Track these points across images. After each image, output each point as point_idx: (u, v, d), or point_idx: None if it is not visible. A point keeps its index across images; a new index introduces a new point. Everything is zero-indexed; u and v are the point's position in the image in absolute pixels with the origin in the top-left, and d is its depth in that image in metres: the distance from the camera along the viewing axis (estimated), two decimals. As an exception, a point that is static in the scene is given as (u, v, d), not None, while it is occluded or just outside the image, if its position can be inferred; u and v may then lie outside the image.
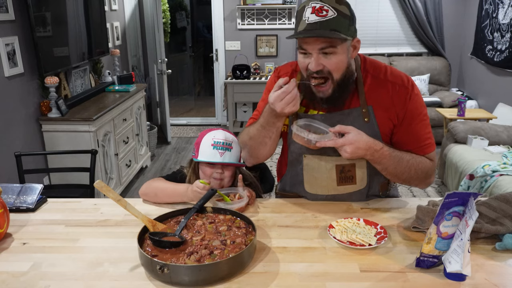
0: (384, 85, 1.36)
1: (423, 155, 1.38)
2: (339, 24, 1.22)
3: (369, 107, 1.36)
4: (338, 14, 1.22)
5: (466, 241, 0.99)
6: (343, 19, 1.23)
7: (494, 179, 2.93)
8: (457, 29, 5.40)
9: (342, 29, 1.23)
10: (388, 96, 1.35)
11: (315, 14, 1.22)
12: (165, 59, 4.88)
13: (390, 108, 1.36)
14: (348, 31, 1.24)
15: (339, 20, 1.22)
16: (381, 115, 1.36)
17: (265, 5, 5.36)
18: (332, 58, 1.26)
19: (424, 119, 1.39)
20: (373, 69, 1.39)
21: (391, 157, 1.30)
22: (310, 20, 1.22)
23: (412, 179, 1.37)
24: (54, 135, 3.13)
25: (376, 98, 1.36)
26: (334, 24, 1.22)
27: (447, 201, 1.00)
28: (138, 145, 4.21)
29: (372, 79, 1.38)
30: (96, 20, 3.91)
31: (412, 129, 1.37)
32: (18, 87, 2.89)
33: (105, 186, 1.18)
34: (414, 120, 1.37)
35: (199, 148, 1.51)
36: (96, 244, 1.23)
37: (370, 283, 1.03)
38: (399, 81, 1.37)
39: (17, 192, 1.48)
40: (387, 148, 1.30)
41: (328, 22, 1.21)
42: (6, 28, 2.76)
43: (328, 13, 1.21)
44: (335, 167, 1.40)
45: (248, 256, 1.10)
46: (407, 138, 1.38)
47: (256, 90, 5.30)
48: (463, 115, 4.11)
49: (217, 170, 1.51)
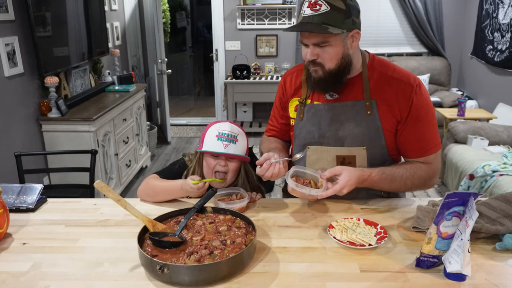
0: (390, 81, 1.39)
1: (425, 156, 1.40)
2: (331, 18, 1.26)
3: (373, 101, 1.39)
4: (330, 9, 1.26)
5: (466, 241, 0.99)
6: (336, 13, 1.27)
7: (494, 179, 2.93)
8: (457, 29, 5.40)
9: (335, 23, 1.27)
10: (393, 92, 1.38)
11: (310, 8, 1.28)
12: (165, 59, 4.87)
13: (394, 104, 1.38)
14: (342, 24, 1.28)
15: (331, 14, 1.27)
16: (384, 110, 1.38)
17: (265, 5, 5.36)
18: (326, 50, 1.31)
19: (430, 119, 1.40)
20: (380, 66, 1.43)
21: (381, 180, 1.37)
22: (305, 14, 1.29)
23: (411, 189, 1.44)
24: (54, 135, 3.13)
25: (381, 93, 1.39)
26: (326, 18, 1.26)
27: (447, 201, 1.00)
28: (138, 145, 4.20)
29: (378, 75, 1.41)
30: (96, 20, 3.91)
31: (417, 129, 1.39)
32: (18, 87, 2.89)
33: (105, 186, 1.18)
34: (419, 121, 1.38)
35: (204, 138, 1.50)
36: (96, 244, 1.23)
37: (370, 283, 1.03)
38: (405, 78, 1.39)
39: (17, 192, 1.48)
40: (375, 172, 1.36)
41: (320, 16, 1.27)
42: (6, 28, 2.76)
43: (321, 8, 1.27)
44: (336, 158, 1.43)
45: (248, 256, 1.10)
46: (411, 138, 1.40)
47: (256, 90, 5.30)
48: (463, 115, 4.11)
49: (220, 162, 1.49)
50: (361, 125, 1.39)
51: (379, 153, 1.42)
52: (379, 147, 1.41)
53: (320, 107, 1.44)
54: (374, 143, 1.40)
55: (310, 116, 1.46)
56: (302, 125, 1.48)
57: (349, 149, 1.42)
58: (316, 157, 1.46)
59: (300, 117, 1.48)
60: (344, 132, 1.41)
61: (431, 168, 1.41)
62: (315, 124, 1.45)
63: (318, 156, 1.46)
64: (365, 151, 1.40)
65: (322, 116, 1.43)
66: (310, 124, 1.46)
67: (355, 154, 1.41)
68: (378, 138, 1.40)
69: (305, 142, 1.48)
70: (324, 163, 1.45)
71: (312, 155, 1.47)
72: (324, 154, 1.44)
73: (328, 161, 1.44)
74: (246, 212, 1.41)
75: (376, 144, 1.41)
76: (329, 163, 1.44)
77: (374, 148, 1.41)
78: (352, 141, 1.41)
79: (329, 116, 1.43)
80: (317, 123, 1.44)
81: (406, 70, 1.43)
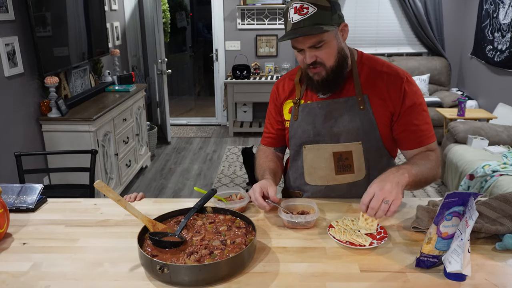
0: (380, 75, 1.42)
1: (426, 145, 1.42)
2: (321, 18, 1.29)
3: (365, 96, 1.42)
4: (318, 9, 1.28)
5: (466, 241, 0.99)
6: (324, 11, 1.29)
7: (494, 179, 2.93)
8: (457, 29, 5.40)
9: (325, 21, 1.29)
10: (384, 86, 1.41)
11: (297, 13, 1.30)
12: (165, 59, 4.88)
13: (386, 98, 1.41)
14: (331, 20, 1.30)
15: (320, 14, 1.29)
16: (377, 103, 1.41)
17: (265, 5, 5.36)
18: (323, 49, 1.33)
19: (423, 109, 1.43)
20: (369, 62, 1.46)
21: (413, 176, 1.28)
22: (294, 20, 1.31)
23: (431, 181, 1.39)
24: (54, 135, 3.13)
25: (372, 87, 1.42)
26: (316, 19, 1.28)
27: (447, 201, 1.00)
28: (138, 145, 4.21)
29: (368, 70, 1.44)
30: (96, 20, 3.91)
31: (412, 119, 1.41)
32: (18, 87, 2.89)
33: (105, 186, 1.18)
34: (413, 111, 1.41)
35: None
36: (96, 244, 1.23)
37: (370, 283, 1.03)
38: (394, 72, 1.43)
39: (17, 192, 1.48)
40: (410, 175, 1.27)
41: (310, 18, 1.28)
42: (6, 28, 2.76)
43: (308, 10, 1.28)
44: (332, 155, 1.45)
45: (248, 256, 1.10)
46: (407, 129, 1.42)
47: (256, 90, 5.30)
48: (463, 115, 4.11)
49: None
50: (355, 120, 1.41)
51: (374, 146, 1.45)
52: (374, 141, 1.44)
53: (314, 106, 1.46)
54: (369, 137, 1.42)
55: (305, 115, 1.48)
56: (297, 125, 1.49)
57: (345, 145, 1.43)
58: (313, 155, 1.48)
59: (295, 117, 1.50)
60: (339, 128, 1.43)
61: (437, 155, 1.42)
62: (309, 123, 1.46)
63: (314, 154, 1.47)
64: (361, 145, 1.43)
65: (316, 114, 1.45)
66: (305, 123, 1.47)
67: (351, 149, 1.43)
68: (372, 131, 1.42)
69: (300, 141, 1.49)
70: (321, 161, 1.46)
71: (309, 154, 1.48)
72: (321, 152, 1.46)
73: (325, 158, 1.46)
74: (246, 212, 1.41)
75: (371, 138, 1.43)
76: (326, 161, 1.46)
77: (370, 142, 1.43)
78: (347, 137, 1.43)
79: (323, 114, 1.45)
80: (311, 121, 1.46)
81: (395, 65, 1.47)
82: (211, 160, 4.74)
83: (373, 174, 1.46)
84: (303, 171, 1.51)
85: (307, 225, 1.28)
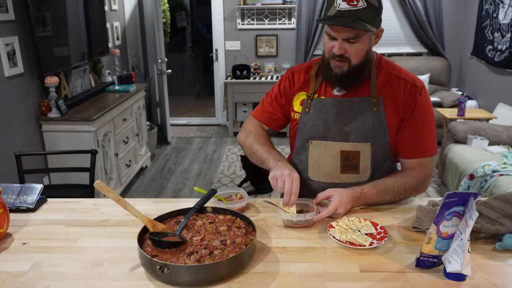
0: (396, 80, 1.42)
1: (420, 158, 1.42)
2: (367, 15, 1.27)
3: (379, 98, 1.41)
4: (367, 6, 1.26)
5: (466, 241, 0.99)
6: (371, 10, 1.27)
7: (494, 179, 2.93)
8: (457, 29, 5.40)
9: (369, 20, 1.27)
10: (399, 91, 1.40)
11: (346, 2, 1.26)
12: (165, 59, 4.88)
13: (399, 103, 1.40)
14: (374, 21, 1.29)
15: (368, 11, 1.26)
16: (390, 107, 1.41)
17: (265, 5, 5.36)
18: (355, 46, 1.32)
19: (430, 122, 1.43)
20: (387, 66, 1.46)
21: (374, 194, 1.37)
22: (341, 8, 1.27)
23: (405, 197, 1.45)
24: (54, 135, 3.13)
25: (387, 91, 1.41)
26: (363, 15, 1.26)
27: (447, 201, 1.00)
28: (138, 145, 4.21)
29: (385, 74, 1.43)
30: (96, 20, 3.91)
31: (416, 130, 1.41)
32: (18, 87, 2.89)
33: (105, 186, 1.18)
34: (420, 121, 1.40)
35: None
36: (96, 244, 1.23)
37: (370, 283, 1.03)
38: (411, 79, 1.42)
39: (17, 192, 1.48)
40: (367, 187, 1.37)
41: (357, 12, 1.26)
42: (6, 28, 2.76)
43: (358, 3, 1.26)
44: (340, 153, 1.44)
45: (248, 256, 1.10)
46: (410, 138, 1.42)
47: (256, 90, 5.30)
48: (463, 115, 4.11)
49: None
50: (367, 121, 1.41)
51: (382, 149, 1.44)
52: (383, 144, 1.43)
53: (327, 102, 1.45)
54: (379, 139, 1.42)
55: (317, 110, 1.46)
56: (307, 119, 1.48)
57: (354, 145, 1.43)
58: (319, 151, 1.47)
59: (306, 111, 1.48)
60: (350, 128, 1.42)
61: (423, 173, 1.43)
62: (320, 119, 1.45)
63: (321, 150, 1.46)
64: (370, 147, 1.42)
65: (329, 111, 1.44)
66: (316, 118, 1.46)
67: (360, 150, 1.43)
68: (383, 134, 1.41)
69: (308, 136, 1.48)
70: (327, 158, 1.46)
71: (315, 150, 1.47)
72: (328, 149, 1.45)
73: (332, 155, 1.45)
74: (246, 212, 1.41)
75: (381, 140, 1.42)
76: (333, 158, 1.45)
77: (379, 144, 1.43)
78: (357, 137, 1.42)
79: (335, 111, 1.44)
80: (323, 117, 1.45)
81: (412, 73, 1.47)
82: (211, 160, 4.74)
83: (376, 176, 1.46)
84: (307, 166, 1.50)
85: (306, 223, 1.28)
